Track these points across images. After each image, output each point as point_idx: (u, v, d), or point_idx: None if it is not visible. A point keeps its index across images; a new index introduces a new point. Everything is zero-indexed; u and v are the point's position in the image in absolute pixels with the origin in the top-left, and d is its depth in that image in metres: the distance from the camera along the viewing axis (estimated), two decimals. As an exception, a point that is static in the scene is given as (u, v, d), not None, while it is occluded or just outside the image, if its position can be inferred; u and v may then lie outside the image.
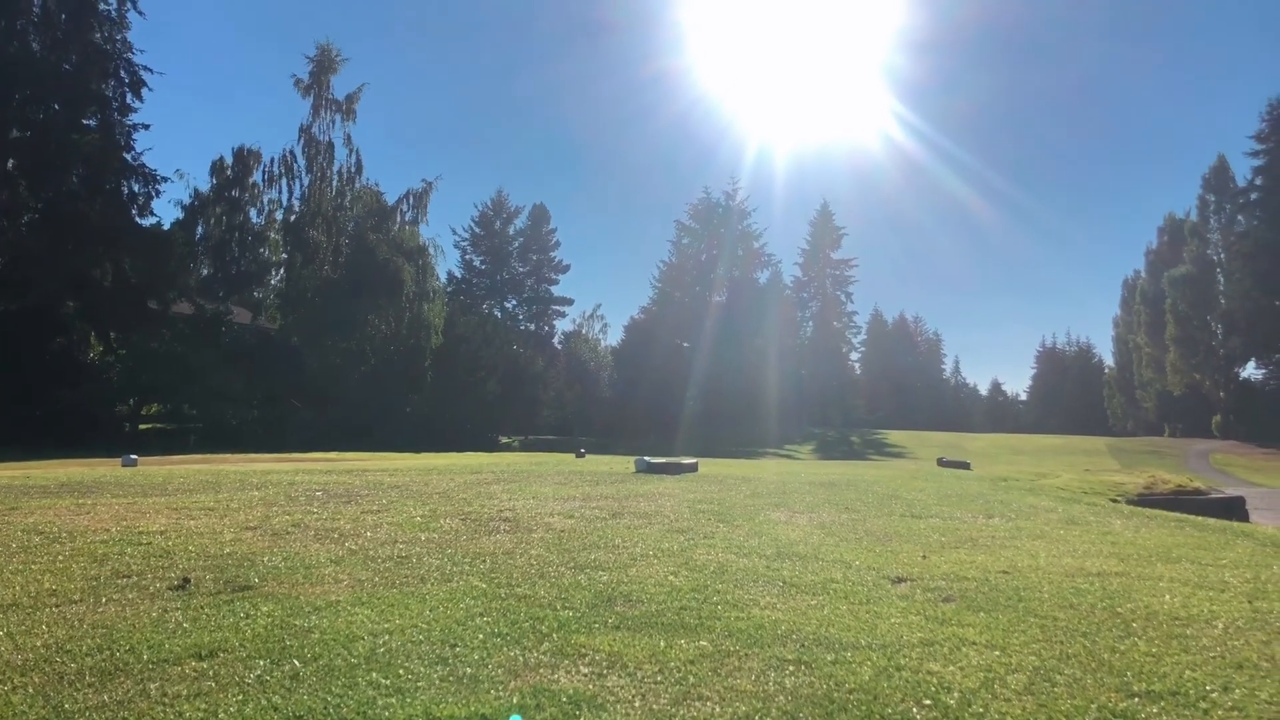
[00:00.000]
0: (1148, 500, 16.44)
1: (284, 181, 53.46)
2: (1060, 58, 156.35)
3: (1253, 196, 72.58)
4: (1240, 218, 74.70)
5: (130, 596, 6.03)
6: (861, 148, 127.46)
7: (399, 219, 56.71)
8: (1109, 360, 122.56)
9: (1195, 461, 53.66)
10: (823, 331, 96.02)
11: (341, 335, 51.03)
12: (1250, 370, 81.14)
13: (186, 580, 6.42)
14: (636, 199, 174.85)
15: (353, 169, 54.94)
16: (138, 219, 44.78)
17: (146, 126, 44.50)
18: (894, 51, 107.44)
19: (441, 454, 31.91)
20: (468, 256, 79.31)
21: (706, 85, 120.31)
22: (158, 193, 45.30)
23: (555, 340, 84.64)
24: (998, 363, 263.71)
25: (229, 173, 53.72)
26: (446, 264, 73.27)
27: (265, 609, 5.66)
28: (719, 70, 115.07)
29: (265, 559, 7.26)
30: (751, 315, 74.39)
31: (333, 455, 27.96)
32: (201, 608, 5.70)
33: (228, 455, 27.25)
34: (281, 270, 55.89)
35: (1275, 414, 72.80)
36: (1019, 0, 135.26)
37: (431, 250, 57.93)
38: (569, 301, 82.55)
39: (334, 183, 54.32)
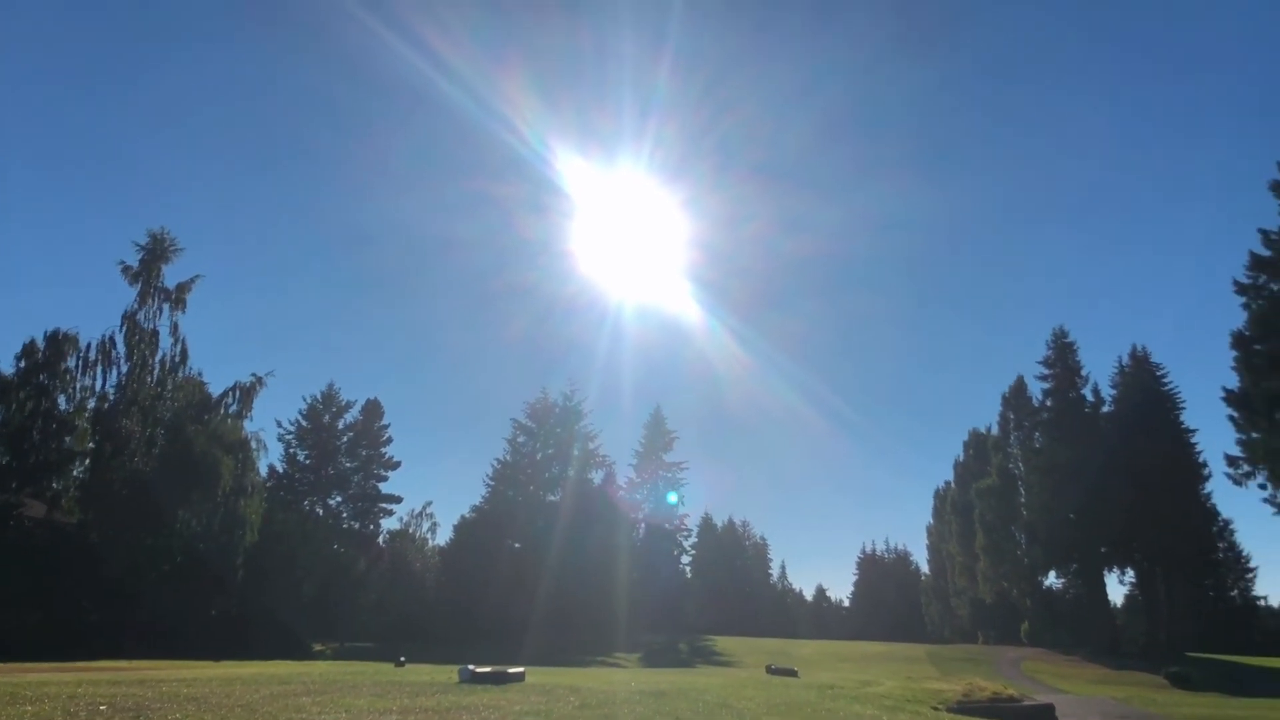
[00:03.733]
0: (966, 708, 16.82)
1: (100, 368, 50.95)
2: (875, 287, 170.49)
3: (1044, 416, 78.58)
4: (1037, 434, 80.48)
5: None
6: (702, 357, 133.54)
7: (222, 411, 54.54)
8: (925, 567, 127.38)
9: (1008, 669, 55.32)
10: (654, 534, 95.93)
11: (148, 531, 47.55)
12: (1052, 579, 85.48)
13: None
14: (474, 397, 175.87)
15: (176, 358, 52.98)
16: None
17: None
18: (728, 275, 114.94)
19: (248, 662, 29.67)
20: (292, 451, 76.22)
21: (554, 296, 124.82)
22: (-50, 376, 42.18)
23: (380, 539, 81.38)
24: (823, 568, 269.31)
25: (40, 356, 50.64)
26: (269, 458, 69.87)
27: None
28: (566, 283, 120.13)
29: (33, 786, 6.46)
30: (585, 517, 73.83)
31: (125, 664, 25.58)
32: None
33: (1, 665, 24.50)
34: (87, 461, 52.28)
35: (1075, 622, 76.48)
36: (835, 238, 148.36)
37: (254, 444, 55.75)
38: (397, 500, 79.79)
39: (155, 372, 52.10)
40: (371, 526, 78.65)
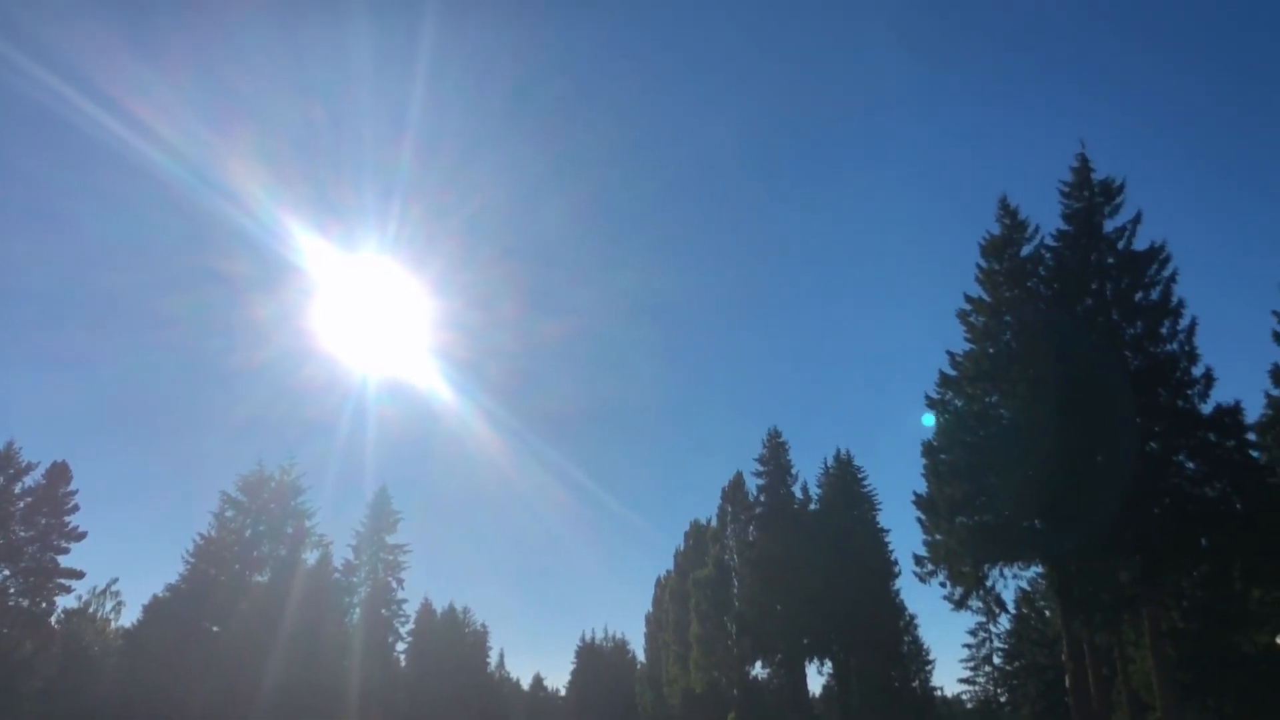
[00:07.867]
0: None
1: None
2: (622, 370, 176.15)
3: (758, 510, 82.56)
4: (751, 528, 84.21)
5: None
6: (453, 437, 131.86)
7: None
8: (643, 656, 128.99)
9: (716, 757, 56.69)
10: (370, 619, 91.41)
11: None
12: (759, 669, 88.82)
13: None
14: (192, 476, 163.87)
15: None
16: None
17: None
18: (483, 355, 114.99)
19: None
20: (-45, 516, 66.95)
21: (290, 376, 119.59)
22: None
23: (54, 619, 72.47)
24: (542, 656, 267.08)
25: None
26: (-76, 523, 60.82)
27: None
28: (304, 363, 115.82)
29: None
30: (295, 599, 69.36)
31: None
32: None
33: None
34: None
35: (777, 712, 79.65)
36: (587, 320, 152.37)
37: (-94, 506, 48.64)
38: (79, 575, 71.05)
39: None
40: (45, 605, 69.75)
